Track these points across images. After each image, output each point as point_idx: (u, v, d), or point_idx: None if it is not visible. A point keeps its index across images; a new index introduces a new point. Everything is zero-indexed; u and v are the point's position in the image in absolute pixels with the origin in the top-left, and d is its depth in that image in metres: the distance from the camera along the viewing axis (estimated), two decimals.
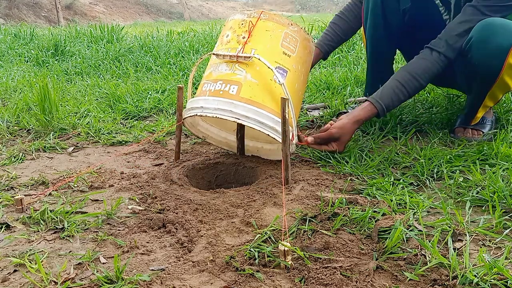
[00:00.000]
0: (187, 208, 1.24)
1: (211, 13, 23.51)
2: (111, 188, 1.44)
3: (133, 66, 3.84)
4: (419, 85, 1.61)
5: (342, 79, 2.84)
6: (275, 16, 1.49)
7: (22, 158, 1.76)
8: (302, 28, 1.54)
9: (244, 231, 1.11)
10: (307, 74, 1.60)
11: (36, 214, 1.21)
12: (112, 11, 19.39)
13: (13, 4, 15.54)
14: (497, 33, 1.50)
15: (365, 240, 1.05)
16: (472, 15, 1.58)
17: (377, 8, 1.81)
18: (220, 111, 1.37)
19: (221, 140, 1.72)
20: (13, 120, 2.27)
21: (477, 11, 1.57)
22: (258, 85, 1.39)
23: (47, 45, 4.66)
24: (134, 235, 1.12)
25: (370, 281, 0.89)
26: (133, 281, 0.91)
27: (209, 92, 1.42)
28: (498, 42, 1.50)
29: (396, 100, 1.60)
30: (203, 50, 4.34)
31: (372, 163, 1.50)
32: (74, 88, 3.11)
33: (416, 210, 1.16)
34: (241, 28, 1.47)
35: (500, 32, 1.50)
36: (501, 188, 1.22)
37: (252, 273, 0.93)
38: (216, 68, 1.46)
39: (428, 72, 1.60)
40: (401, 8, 1.79)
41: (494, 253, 0.99)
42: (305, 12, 25.72)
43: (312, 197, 1.29)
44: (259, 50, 1.42)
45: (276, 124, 1.38)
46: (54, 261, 1.01)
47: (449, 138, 1.75)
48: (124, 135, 2.03)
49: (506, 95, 2.21)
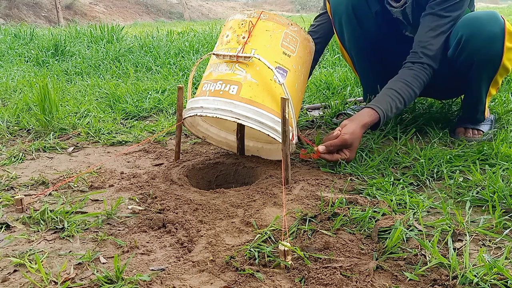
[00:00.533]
0: (187, 208, 1.24)
1: (211, 13, 23.51)
2: (111, 188, 1.44)
3: (133, 66, 3.84)
4: (412, 91, 1.59)
5: (342, 79, 2.84)
6: (275, 16, 1.49)
7: (22, 158, 1.76)
8: (302, 28, 1.54)
9: (244, 231, 1.11)
10: (307, 74, 1.60)
11: (36, 214, 1.21)
12: (112, 11, 19.39)
13: (13, 4, 15.53)
14: (485, 22, 1.54)
15: (365, 240, 1.05)
16: (433, 21, 1.61)
17: (350, 18, 1.78)
18: (220, 111, 1.37)
19: (221, 140, 1.72)
20: (13, 120, 2.27)
21: (436, 16, 1.61)
22: (258, 85, 1.39)
23: (47, 45, 4.66)
24: (134, 235, 1.12)
25: (370, 281, 0.89)
26: (133, 281, 0.91)
27: (209, 92, 1.42)
28: (491, 30, 1.54)
29: (394, 106, 1.57)
30: (203, 50, 4.34)
31: (372, 163, 1.50)
32: (74, 88, 3.11)
33: (416, 210, 1.17)
34: (241, 28, 1.47)
35: (487, 20, 1.54)
36: (501, 188, 1.22)
37: (252, 273, 0.93)
38: (216, 68, 1.46)
39: (418, 79, 1.59)
40: (372, 11, 1.78)
41: (494, 253, 0.99)
42: (305, 12, 25.72)
43: (312, 197, 1.29)
44: (259, 50, 1.42)
45: (276, 124, 1.38)
46: (54, 261, 1.01)
47: (449, 138, 1.75)
48: (124, 135, 2.03)
49: (506, 95, 2.22)
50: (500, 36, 1.54)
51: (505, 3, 26.63)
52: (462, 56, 1.61)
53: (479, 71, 1.64)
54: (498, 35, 1.54)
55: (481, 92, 1.70)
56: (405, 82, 1.59)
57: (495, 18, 1.55)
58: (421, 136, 1.76)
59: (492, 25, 1.54)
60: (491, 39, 1.54)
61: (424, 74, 1.60)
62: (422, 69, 1.60)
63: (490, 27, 1.54)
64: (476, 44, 1.55)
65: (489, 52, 1.57)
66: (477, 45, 1.56)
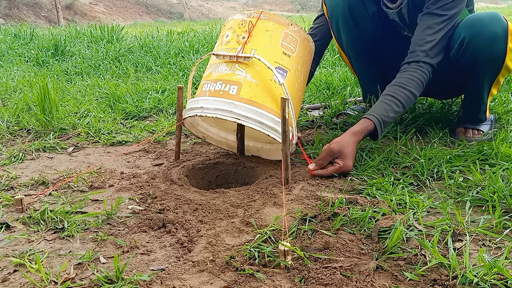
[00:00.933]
0: (187, 208, 1.24)
1: (211, 13, 23.51)
2: (111, 188, 1.44)
3: (133, 66, 3.84)
4: (408, 92, 1.56)
5: (342, 79, 2.84)
6: (275, 16, 1.49)
7: (22, 158, 1.76)
8: (302, 28, 1.54)
9: (244, 231, 1.11)
10: (307, 74, 1.60)
11: (36, 214, 1.21)
12: (112, 11, 19.39)
13: (13, 4, 15.53)
14: (487, 23, 1.54)
15: (365, 240, 1.05)
16: (430, 20, 1.61)
17: (347, 20, 1.78)
18: (220, 111, 1.37)
19: (221, 140, 1.72)
20: (13, 120, 2.27)
21: (432, 15, 1.60)
22: (258, 85, 1.39)
23: (47, 45, 4.66)
24: (134, 235, 1.12)
25: (370, 281, 0.89)
26: (133, 281, 0.91)
27: (209, 92, 1.42)
28: (493, 31, 1.54)
29: (390, 110, 1.54)
30: (203, 50, 4.34)
31: (372, 163, 1.50)
32: (74, 88, 3.11)
33: (416, 210, 1.16)
34: (241, 28, 1.47)
35: (489, 21, 1.55)
36: (501, 188, 1.22)
37: (252, 273, 0.93)
38: (216, 68, 1.46)
39: (413, 79, 1.57)
40: (369, 13, 1.78)
41: (494, 253, 0.99)
42: (305, 12, 25.70)
43: (312, 197, 1.29)
44: (259, 50, 1.42)
45: (276, 124, 1.38)
46: (54, 261, 1.01)
47: (449, 138, 1.75)
48: (124, 135, 2.03)
49: (506, 95, 2.22)
50: (503, 36, 1.54)
51: (505, 3, 26.64)
52: (465, 57, 1.61)
53: (482, 72, 1.64)
54: (500, 36, 1.54)
55: (483, 92, 1.70)
56: (399, 84, 1.58)
57: (497, 19, 1.55)
58: (421, 136, 1.76)
59: (495, 26, 1.54)
60: (493, 40, 1.55)
61: (420, 73, 1.58)
62: (418, 67, 1.59)
63: (493, 28, 1.54)
64: (479, 45, 1.56)
65: (491, 52, 1.57)
66: (480, 46, 1.56)
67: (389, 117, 1.54)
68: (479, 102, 1.74)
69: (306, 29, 1.92)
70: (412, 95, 1.57)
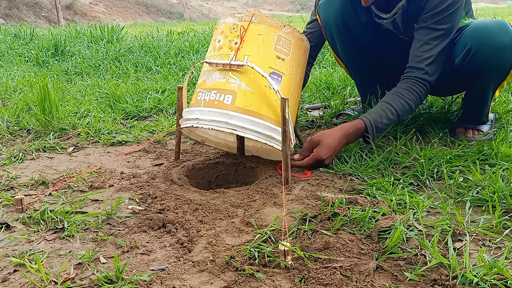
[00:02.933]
0: (187, 208, 1.24)
1: (211, 13, 23.51)
2: (111, 188, 1.44)
3: (133, 66, 3.84)
4: (405, 102, 1.58)
5: (342, 79, 2.84)
6: (267, 19, 1.46)
7: (22, 158, 1.76)
8: (295, 28, 1.52)
9: (244, 231, 1.11)
10: (303, 75, 1.58)
11: (36, 214, 1.21)
12: (112, 11, 19.39)
13: (13, 4, 15.54)
14: (494, 32, 1.53)
15: (365, 240, 1.05)
16: (426, 34, 1.60)
17: (340, 30, 1.78)
18: (215, 122, 1.36)
19: (220, 142, 1.72)
20: (13, 120, 2.27)
21: (429, 29, 1.60)
22: (253, 93, 1.38)
23: (47, 45, 4.66)
24: (134, 235, 1.12)
25: (370, 281, 0.89)
26: (133, 281, 0.91)
27: (204, 102, 1.41)
28: (501, 40, 1.53)
29: (384, 116, 1.56)
30: (203, 50, 4.34)
31: (372, 163, 1.50)
32: (74, 88, 3.11)
33: (416, 210, 1.16)
34: (233, 33, 1.44)
35: (496, 30, 1.54)
36: (501, 188, 1.22)
37: (252, 273, 0.93)
38: (210, 76, 1.45)
39: (411, 92, 1.59)
40: (362, 22, 1.77)
41: (494, 253, 0.99)
42: (305, 12, 25.69)
43: (312, 197, 1.29)
44: (252, 56, 1.40)
45: (273, 132, 1.38)
46: (54, 261, 1.01)
47: (449, 138, 1.75)
48: (124, 135, 2.03)
49: (506, 95, 2.22)
50: (510, 45, 1.53)
51: (505, 3, 26.64)
52: (471, 66, 1.60)
53: (487, 79, 1.64)
54: (508, 46, 1.53)
55: (487, 97, 1.71)
56: (398, 94, 1.59)
57: (504, 28, 1.54)
58: (421, 136, 1.76)
59: (502, 35, 1.53)
60: (501, 49, 1.53)
61: (418, 88, 1.60)
62: (417, 82, 1.60)
63: (501, 37, 1.53)
64: (486, 54, 1.55)
65: (499, 61, 1.56)
66: (487, 56, 1.55)
67: (382, 123, 1.57)
68: (482, 106, 1.74)
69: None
70: (409, 107, 1.60)
